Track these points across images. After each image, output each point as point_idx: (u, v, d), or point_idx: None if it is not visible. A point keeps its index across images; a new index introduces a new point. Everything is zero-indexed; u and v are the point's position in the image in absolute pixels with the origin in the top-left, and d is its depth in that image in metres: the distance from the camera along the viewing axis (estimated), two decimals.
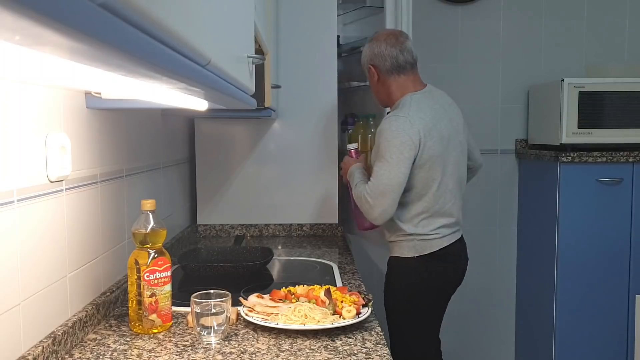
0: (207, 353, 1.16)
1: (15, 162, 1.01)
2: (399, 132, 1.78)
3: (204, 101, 1.15)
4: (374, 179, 1.80)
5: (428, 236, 1.89)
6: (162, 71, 0.54)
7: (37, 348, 1.04)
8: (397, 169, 1.78)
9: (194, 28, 0.63)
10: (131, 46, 0.44)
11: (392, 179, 1.78)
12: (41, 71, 0.96)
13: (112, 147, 1.49)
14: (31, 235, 1.07)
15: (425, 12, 2.92)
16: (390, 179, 1.78)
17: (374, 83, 1.98)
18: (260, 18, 1.52)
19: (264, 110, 1.84)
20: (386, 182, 1.78)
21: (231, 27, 0.93)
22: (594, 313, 2.61)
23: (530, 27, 2.99)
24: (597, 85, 2.59)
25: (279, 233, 2.48)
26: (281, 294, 1.41)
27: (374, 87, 2.00)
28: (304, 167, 2.46)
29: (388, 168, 1.78)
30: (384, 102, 2.01)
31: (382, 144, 1.80)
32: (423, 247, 1.89)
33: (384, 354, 1.15)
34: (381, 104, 2.05)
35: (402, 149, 1.77)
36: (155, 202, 1.30)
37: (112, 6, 0.38)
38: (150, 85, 0.70)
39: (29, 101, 1.07)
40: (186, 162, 2.43)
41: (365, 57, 1.97)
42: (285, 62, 2.40)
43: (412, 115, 1.81)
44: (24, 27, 0.32)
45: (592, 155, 2.56)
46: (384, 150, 1.79)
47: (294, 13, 2.39)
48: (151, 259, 1.27)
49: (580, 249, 2.59)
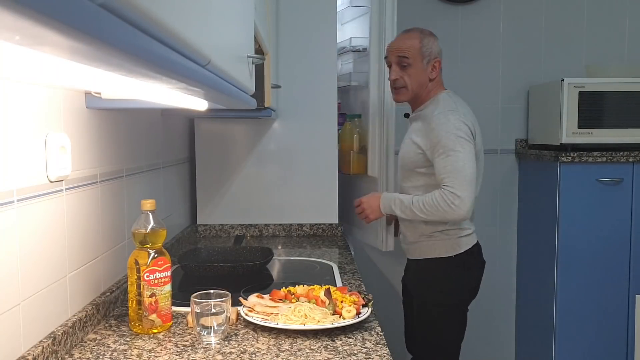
0: (207, 353, 1.16)
1: (15, 162, 1.01)
2: (460, 124, 1.80)
3: (204, 101, 1.15)
4: (453, 173, 1.76)
5: (466, 231, 1.92)
6: (162, 71, 0.54)
7: (37, 348, 1.04)
8: (471, 157, 1.79)
9: (194, 28, 0.63)
10: (131, 46, 0.44)
11: (472, 167, 1.78)
12: (41, 71, 0.96)
13: (112, 147, 1.49)
14: (31, 235, 1.06)
15: (425, 12, 2.92)
16: (472, 166, 1.78)
17: (427, 77, 1.93)
18: (260, 18, 1.52)
19: (264, 110, 1.84)
20: (469, 170, 1.77)
21: (231, 27, 0.93)
22: (594, 313, 2.61)
23: (530, 27, 2.99)
24: (597, 85, 2.59)
25: (279, 233, 2.48)
26: (281, 294, 1.41)
27: (422, 80, 1.93)
28: (304, 167, 2.46)
29: (464, 157, 1.77)
30: (418, 97, 1.96)
31: (445, 138, 1.78)
32: (460, 244, 1.91)
33: (384, 354, 1.15)
34: (408, 99, 1.98)
35: (468, 139, 1.80)
36: (155, 202, 1.30)
37: (112, 6, 0.39)
38: (150, 85, 0.70)
39: (29, 101, 1.07)
40: (186, 162, 2.43)
41: (434, 50, 1.93)
42: (285, 62, 2.40)
43: (462, 110, 1.86)
44: (24, 27, 0.32)
45: (592, 155, 2.56)
46: (452, 143, 1.77)
47: (294, 13, 2.39)
48: (151, 259, 1.27)
49: (580, 249, 2.59)
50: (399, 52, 1.93)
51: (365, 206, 2.01)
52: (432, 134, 1.82)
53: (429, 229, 1.92)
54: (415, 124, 1.96)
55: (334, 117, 2.45)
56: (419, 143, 1.89)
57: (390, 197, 1.94)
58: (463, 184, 1.75)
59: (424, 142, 1.87)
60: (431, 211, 1.81)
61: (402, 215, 1.89)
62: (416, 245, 1.98)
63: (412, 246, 2.00)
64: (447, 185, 1.77)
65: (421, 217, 1.84)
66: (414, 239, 1.98)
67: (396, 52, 1.94)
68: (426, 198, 1.82)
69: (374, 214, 2.00)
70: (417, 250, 1.98)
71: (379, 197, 1.97)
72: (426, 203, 1.81)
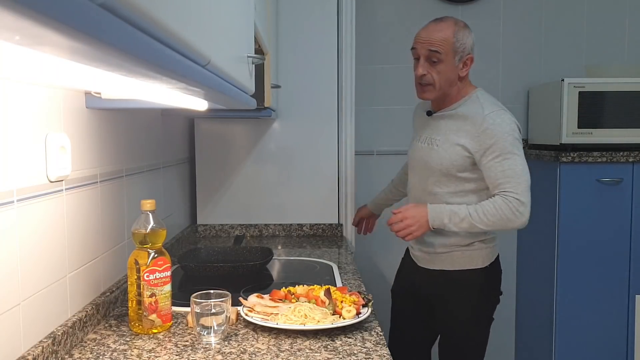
0: (207, 353, 1.16)
1: (15, 162, 1.01)
2: (514, 126, 1.69)
3: (204, 101, 1.15)
4: (514, 178, 1.65)
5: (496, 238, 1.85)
6: (162, 71, 0.54)
7: (37, 348, 1.04)
8: (525, 160, 1.70)
9: (194, 28, 0.63)
10: (131, 46, 0.44)
11: (528, 171, 1.69)
12: (41, 71, 0.96)
13: (112, 147, 1.49)
14: (31, 235, 1.06)
15: (425, 12, 2.92)
16: (528, 171, 1.68)
17: (456, 75, 1.76)
18: (260, 18, 1.52)
19: (264, 110, 1.84)
20: (528, 175, 1.67)
21: (231, 27, 0.93)
22: (594, 313, 2.61)
23: (530, 27, 2.99)
24: (597, 85, 2.59)
25: (279, 233, 2.48)
26: (281, 294, 1.41)
27: (452, 78, 1.75)
28: (304, 167, 2.46)
29: (522, 161, 1.67)
30: (446, 95, 1.79)
31: (502, 140, 1.65)
32: (493, 252, 1.84)
33: (384, 354, 1.15)
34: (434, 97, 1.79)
35: (521, 140, 1.71)
36: (155, 202, 1.30)
37: (112, 6, 0.38)
38: (150, 85, 0.70)
39: (29, 101, 1.07)
40: (186, 162, 2.43)
41: (467, 45, 1.75)
42: (285, 62, 2.40)
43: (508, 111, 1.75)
44: (24, 27, 0.32)
45: (592, 155, 2.56)
46: (509, 145, 1.65)
47: (294, 13, 2.39)
48: (151, 259, 1.27)
49: (580, 249, 2.59)
50: (430, 45, 1.73)
51: (411, 221, 1.72)
52: (485, 136, 1.67)
53: (467, 239, 1.77)
54: (449, 123, 1.77)
55: (334, 117, 2.45)
56: (465, 145, 1.70)
57: (440, 210, 1.70)
58: (525, 189, 1.65)
59: (472, 144, 1.69)
60: (494, 221, 1.65)
61: (455, 228, 1.68)
62: (446, 255, 1.81)
63: (441, 256, 1.82)
64: (508, 191, 1.64)
65: (481, 228, 1.67)
66: (444, 249, 1.80)
67: (427, 44, 1.74)
68: (486, 207, 1.65)
69: (421, 229, 1.72)
70: (448, 261, 1.81)
71: (426, 209, 1.71)
72: (488, 213, 1.65)
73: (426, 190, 1.81)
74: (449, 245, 1.79)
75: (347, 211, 2.50)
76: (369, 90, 2.92)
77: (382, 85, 2.93)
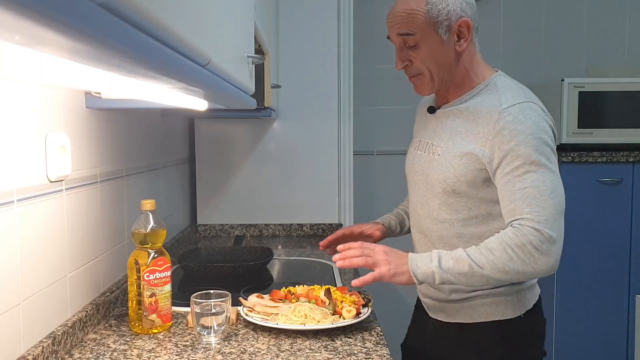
0: (207, 353, 1.16)
1: (15, 162, 1.01)
2: (545, 125, 1.22)
3: (204, 101, 1.15)
4: (538, 200, 1.16)
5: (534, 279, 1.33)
6: (162, 71, 0.54)
7: (37, 348, 1.04)
8: (559, 175, 1.21)
9: (194, 28, 0.63)
10: (131, 46, 0.44)
11: (562, 191, 1.20)
12: (41, 71, 0.96)
13: (112, 147, 1.49)
14: (31, 235, 1.06)
15: None
16: (562, 191, 1.20)
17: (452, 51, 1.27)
18: (260, 18, 1.52)
19: (264, 110, 1.84)
20: (560, 197, 1.18)
21: (231, 27, 0.93)
22: (594, 313, 2.61)
23: (530, 27, 2.99)
24: (597, 85, 2.59)
25: (279, 233, 2.48)
26: (281, 294, 1.41)
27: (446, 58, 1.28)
28: (304, 167, 2.46)
29: (551, 177, 1.18)
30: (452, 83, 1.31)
31: (524, 145, 1.18)
32: (528, 297, 1.32)
33: (384, 354, 1.15)
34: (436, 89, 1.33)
35: (554, 146, 1.24)
36: (155, 202, 1.30)
37: (112, 6, 0.38)
38: (150, 85, 0.70)
39: (29, 101, 1.07)
40: (186, 162, 2.43)
41: (451, 7, 1.24)
42: (285, 62, 2.40)
43: (540, 103, 1.27)
44: (24, 27, 0.32)
45: (592, 155, 2.56)
46: (534, 153, 1.18)
47: (294, 13, 2.39)
48: (151, 259, 1.27)
49: (581, 249, 2.59)
50: (399, 27, 1.27)
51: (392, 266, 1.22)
52: (502, 138, 1.19)
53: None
54: (456, 122, 1.30)
55: (334, 116, 2.45)
56: (475, 152, 1.23)
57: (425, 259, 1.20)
58: (553, 217, 1.15)
59: (484, 151, 1.22)
60: (514, 267, 1.15)
61: (459, 284, 1.20)
62: (464, 303, 1.32)
63: (456, 305, 1.33)
64: (526, 219, 1.16)
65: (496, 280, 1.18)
66: (459, 295, 1.31)
67: (395, 28, 1.28)
68: (495, 250, 1.16)
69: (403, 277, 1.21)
70: (465, 310, 1.32)
71: (406, 259, 1.22)
72: (500, 257, 1.15)
73: (431, 216, 1.34)
74: (469, 291, 1.29)
75: (347, 211, 2.50)
76: (368, 90, 2.92)
77: (382, 85, 2.93)
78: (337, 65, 2.43)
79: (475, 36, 1.30)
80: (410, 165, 1.43)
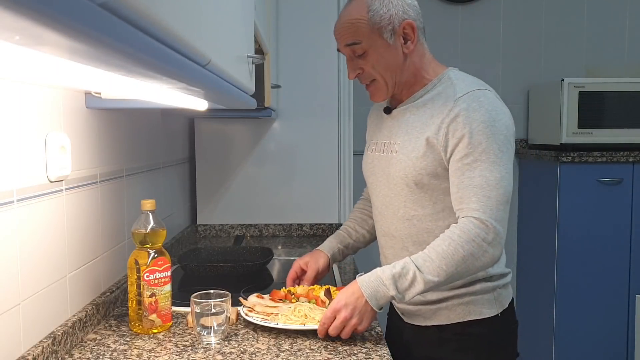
0: (207, 353, 1.16)
1: (15, 162, 1.01)
2: (498, 112, 1.22)
3: (204, 101, 1.15)
4: (484, 190, 1.16)
5: (508, 275, 1.36)
6: (162, 71, 0.54)
7: (37, 348, 1.04)
8: (510, 167, 1.21)
9: (194, 28, 0.63)
10: (131, 46, 0.44)
11: (510, 183, 1.20)
12: (41, 71, 0.96)
13: (112, 147, 1.49)
14: (31, 235, 1.06)
15: (425, 12, 2.91)
16: (510, 182, 1.20)
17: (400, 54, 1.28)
18: (260, 18, 1.52)
19: (264, 110, 1.84)
20: (506, 187, 1.19)
21: (231, 27, 0.93)
22: (594, 313, 2.61)
23: (530, 27, 2.99)
24: (597, 85, 2.59)
25: (279, 233, 2.48)
26: (281, 294, 1.41)
27: (396, 61, 1.29)
28: (304, 167, 2.46)
29: (501, 168, 1.19)
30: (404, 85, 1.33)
31: (476, 133, 1.18)
32: (504, 294, 1.33)
33: (384, 354, 1.15)
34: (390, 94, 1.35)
35: (512, 139, 1.23)
36: (155, 202, 1.30)
37: (112, 6, 0.39)
38: (150, 85, 0.70)
39: (29, 101, 1.07)
40: (186, 162, 2.43)
41: (392, 10, 1.26)
42: (285, 62, 2.40)
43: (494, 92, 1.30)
44: (24, 27, 0.32)
45: (592, 155, 2.56)
46: (488, 140, 1.18)
47: (294, 13, 2.40)
48: (151, 259, 1.27)
49: (580, 249, 2.59)
50: (345, 39, 1.29)
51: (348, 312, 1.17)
52: (455, 126, 1.20)
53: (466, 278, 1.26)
54: (412, 118, 1.30)
55: (334, 116, 2.45)
56: (431, 140, 1.23)
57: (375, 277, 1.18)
58: (496, 207, 1.16)
59: (438, 138, 1.22)
60: (467, 265, 1.15)
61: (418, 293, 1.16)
62: (440, 304, 1.31)
63: (432, 307, 1.32)
64: (473, 209, 1.17)
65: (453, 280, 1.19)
66: (437, 296, 1.30)
67: (342, 40, 1.30)
68: (446, 253, 1.15)
69: (368, 315, 1.18)
70: (442, 312, 1.31)
71: (357, 285, 1.19)
72: (452, 259, 1.14)
73: (397, 216, 1.32)
74: (446, 290, 1.29)
75: (347, 211, 2.50)
76: None
77: None
78: (337, 65, 2.43)
79: (421, 36, 1.33)
80: (369, 168, 1.42)
